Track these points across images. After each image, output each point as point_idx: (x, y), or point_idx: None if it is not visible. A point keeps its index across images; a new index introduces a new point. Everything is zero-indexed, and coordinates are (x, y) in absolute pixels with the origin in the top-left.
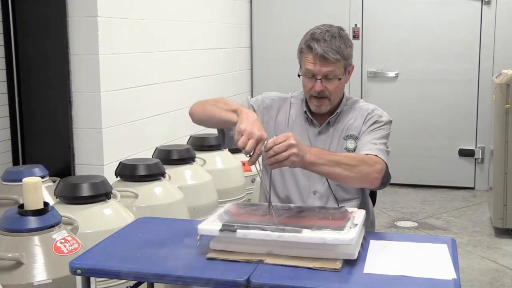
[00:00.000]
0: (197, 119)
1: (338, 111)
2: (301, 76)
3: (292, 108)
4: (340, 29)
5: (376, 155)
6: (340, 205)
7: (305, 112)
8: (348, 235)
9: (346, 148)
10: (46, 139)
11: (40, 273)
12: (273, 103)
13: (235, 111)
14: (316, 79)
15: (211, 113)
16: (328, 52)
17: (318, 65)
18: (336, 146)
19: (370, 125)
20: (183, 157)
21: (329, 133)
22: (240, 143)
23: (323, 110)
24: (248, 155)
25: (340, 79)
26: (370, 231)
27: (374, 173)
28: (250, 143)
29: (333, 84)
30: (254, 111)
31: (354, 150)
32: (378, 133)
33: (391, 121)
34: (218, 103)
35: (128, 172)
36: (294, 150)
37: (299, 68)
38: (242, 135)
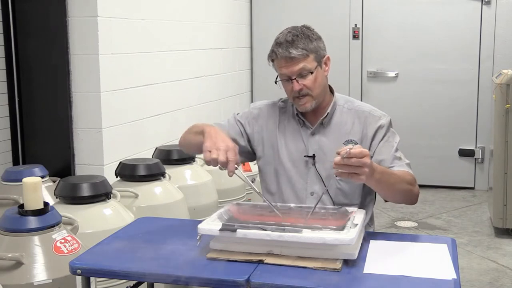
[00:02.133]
0: (184, 148)
1: (329, 111)
2: (280, 83)
3: (282, 113)
4: (304, 27)
5: (408, 172)
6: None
7: (297, 114)
8: (348, 235)
9: None
10: (46, 139)
11: (40, 273)
12: (260, 112)
13: (201, 133)
14: (291, 79)
15: (189, 141)
16: (292, 51)
17: (287, 66)
18: (333, 149)
19: (376, 132)
20: (183, 157)
21: (323, 133)
22: (211, 161)
23: (309, 108)
24: (224, 168)
25: (312, 72)
26: (370, 231)
27: (416, 192)
28: (221, 155)
29: (309, 80)
30: (242, 125)
31: None
32: (391, 141)
33: (391, 119)
34: (193, 128)
35: (128, 172)
36: (366, 169)
37: (276, 76)
38: (209, 152)
